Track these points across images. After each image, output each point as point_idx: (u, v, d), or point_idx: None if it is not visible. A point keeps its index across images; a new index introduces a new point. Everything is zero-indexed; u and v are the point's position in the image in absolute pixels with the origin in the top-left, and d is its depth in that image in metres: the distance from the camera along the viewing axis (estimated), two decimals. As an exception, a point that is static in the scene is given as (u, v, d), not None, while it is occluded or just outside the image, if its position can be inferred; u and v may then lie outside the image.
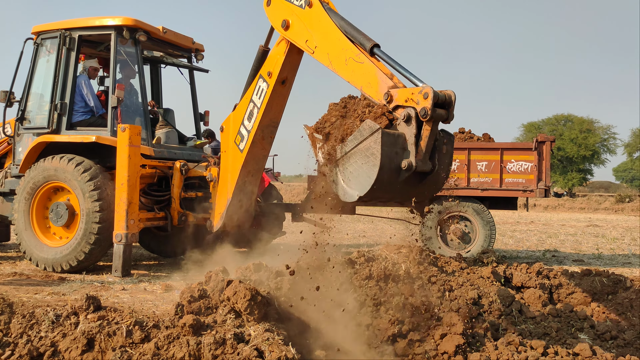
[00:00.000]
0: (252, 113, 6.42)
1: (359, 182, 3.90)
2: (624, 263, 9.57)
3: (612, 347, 4.11)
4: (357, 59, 4.68)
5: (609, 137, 51.83)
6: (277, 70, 6.03)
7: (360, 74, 4.61)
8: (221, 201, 7.06)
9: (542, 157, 8.83)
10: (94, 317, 3.66)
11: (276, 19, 5.70)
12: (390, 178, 3.89)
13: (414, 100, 3.95)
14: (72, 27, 7.72)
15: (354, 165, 3.94)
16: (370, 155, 3.81)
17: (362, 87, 4.54)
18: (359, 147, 3.91)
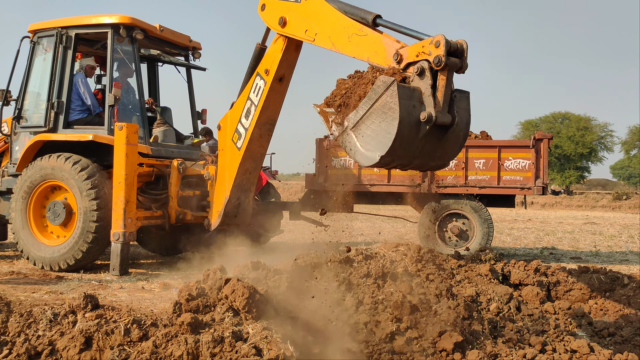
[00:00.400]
0: (249, 111, 6.41)
1: (379, 142, 3.83)
2: (622, 260, 9.59)
3: (610, 343, 4.12)
4: (360, 33, 4.70)
5: (606, 134, 51.95)
6: (274, 68, 6.03)
7: (365, 45, 4.62)
8: (219, 199, 7.05)
9: (539, 154, 8.83)
10: (91, 316, 3.65)
11: (272, 19, 5.73)
12: (411, 133, 3.83)
13: (425, 53, 3.92)
14: (69, 26, 7.70)
15: (372, 127, 3.87)
16: (388, 110, 3.76)
17: (369, 58, 4.53)
18: (374, 107, 3.85)
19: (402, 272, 4.77)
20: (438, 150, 4.09)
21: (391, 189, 9.22)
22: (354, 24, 4.76)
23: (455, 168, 9.03)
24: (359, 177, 9.30)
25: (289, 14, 5.55)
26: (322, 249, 5.06)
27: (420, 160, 4.18)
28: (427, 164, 4.29)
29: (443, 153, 4.18)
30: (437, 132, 3.90)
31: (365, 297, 4.34)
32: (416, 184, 9.09)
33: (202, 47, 8.90)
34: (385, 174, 9.23)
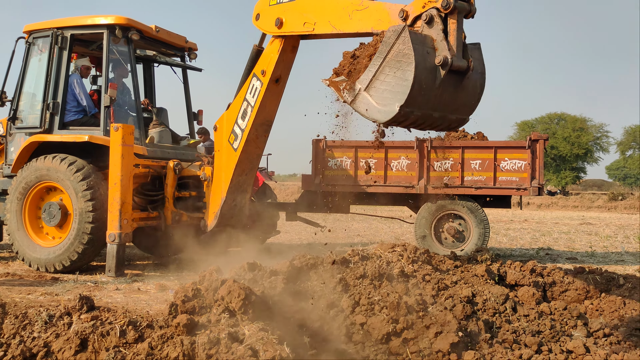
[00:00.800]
0: (245, 112, 6.41)
1: (396, 93, 3.83)
2: (617, 261, 9.62)
3: (606, 344, 4.13)
4: (360, 7, 4.80)
5: (601, 135, 52.10)
6: (270, 69, 6.07)
7: (367, 17, 4.70)
8: (215, 200, 7.04)
9: (535, 155, 8.86)
10: (87, 317, 3.64)
11: (268, 24, 5.85)
12: (427, 79, 3.86)
13: (432, 1, 3.97)
14: (64, 26, 7.68)
15: (386, 80, 3.87)
16: (402, 57, 3.77)
17: (372, 28, 4.60)
18: (387, 59, 3.86)
19: (398, 273, 4.76)
20: (457, 101, 4.10)
21: (387, 189, 9.22)
22: (353, 1, 4.84)
23: (452, 169, 9.04)
24: (355, 178, 9.31)
25: (285, 14, 5.64)
26: (318, 249, 5.08)
27: (440, 114, 4.15)
28: (447, 117, 4.25)
29: (462, 104, 4.18)
30: (454, 79, 3.93)
31: (361, 298, 4.34)
32: (411, 185, 9.10)
33: (198, 48, 8.90)
34: (382, 175, 9.24)
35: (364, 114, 4.17)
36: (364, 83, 4.04)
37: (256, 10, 6.05)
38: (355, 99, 4.13)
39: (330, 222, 16.82)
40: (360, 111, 4.18)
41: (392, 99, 3.87)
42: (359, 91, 4.08)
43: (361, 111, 4.17)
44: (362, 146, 9.28)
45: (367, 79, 4.01)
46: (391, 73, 3.83)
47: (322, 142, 9.31)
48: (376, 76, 3.93)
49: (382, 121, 4.10)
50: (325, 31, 5.36)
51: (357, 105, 4.16)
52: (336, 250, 5.72)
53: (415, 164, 9.11)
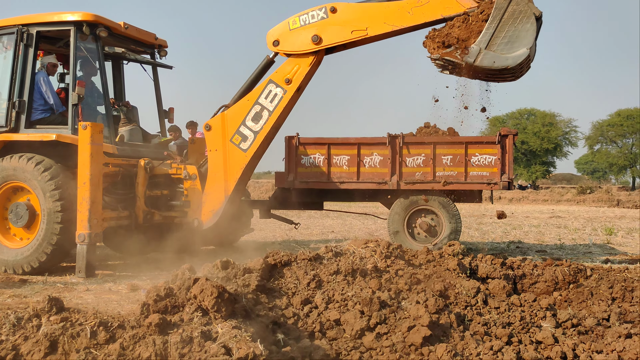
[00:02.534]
0: (259, 115, 6.98)
1: (521, 39, 5.23)
2: (585, 253, 9.83)
3: (574, 334, 4.22)
4: (419, 3, 6.12)
5: (570, 130, 53.23)
6: (299, 80, 6.84)
7: (432, 8, 6.09)
8: (214, 199, 7.18)
9: (505, 150, 8.97)
10: (56, 319, 3.58)
11: (300, 45, 6.75)
12: (538, 28, 5.40)
13: None
14: (30, 23, 7.53)
15: (508, 35, 5.19)
16: (519, 14, 5.11)
17: (442, 14, 6.02)
18: (503, 19, 5.22)
19: (371, 268, 4.80)
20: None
21: (361, 186, 9.26)
22: (407, 1, 6.24)
23: (424, 164, 9.12)
24: (328, 175, 9.32)
25: (322, 31, 6.63)
26: (292, 246, 5.08)
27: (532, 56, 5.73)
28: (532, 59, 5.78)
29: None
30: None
31: (335, 294, 4.36)
32: (384, 181, 9.16)
33: (169, 45, 8.80)
34: (355, 172, 9.27)
35: (491, 66, 5.31)
36: (483, 43, 5.24)
37: (273, 37, 6.81)
38: (478, 58, 5.29)
39: (305, 219, 16.83)
40: (486, 65, 5.31)
41: (518, 45, 5.18)
42: (480, 51, 5.25)
43: (488, 64, 5.31)
44: (335, 143, 9.30)
45: (485, 39, 5.27)
46: (511, 29, 5.08)
47: (295, 139, 9.30)
48: (495, 34, 5.16)
49: (513, 65, 5.33)
50: (382, 31, 6.42)
51: (483, 61, 5.30)
52: (310, 247, 5.74)
53: (387, 160, 9.16)
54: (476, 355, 3.75)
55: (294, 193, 9.52)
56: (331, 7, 6.57)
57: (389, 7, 6.32)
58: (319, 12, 6.60)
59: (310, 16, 6.63)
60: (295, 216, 13.88)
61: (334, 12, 6.56)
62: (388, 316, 4.07)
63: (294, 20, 6.72)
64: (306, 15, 6.69)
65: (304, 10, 6.73)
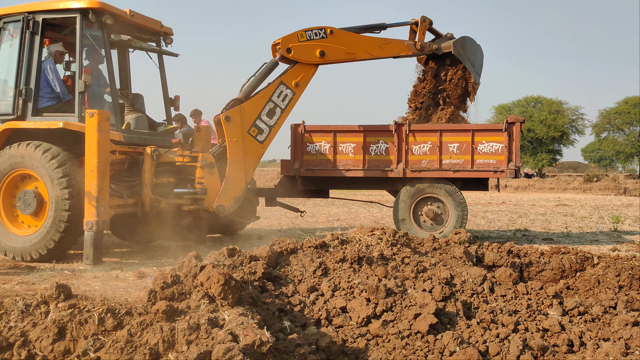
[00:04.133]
0: (273, 111, 8.00)
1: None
2: (592, 241, 9.81)
3: (580, 322, 4.21)
4: (386, 42, 8.62)
5: (577, 118, 52.83)
6: (305, 85, 8.22)
7: (393, 48, 8.70)
8: (235, 185, 7.83)
9: (512, 138, 8.94)
10: (64, 306, 3.61)
11: (310, 55, 8.12)
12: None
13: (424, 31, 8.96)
14: (36, 10, 7.51)
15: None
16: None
17: (398, 52, 8.69)
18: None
19: (377, 256, 4.80)
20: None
21: (366, 173, 9.25)
22: (376, 39, 8.58)
23: (430, 152, 9.09)
24: (334, 163, 9.31)
25: (325, 47, 8.14)
26: (298, 234, 5.10)
27: None
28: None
29: None
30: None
31: (341, 282, 4.37)
32: (390, 169, 9.14)
33: (174, 33, 8.77)
34: (361, 160, 9.26)
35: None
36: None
37: (287, 45, 7.99)
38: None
39: (310, 207, 16.86)
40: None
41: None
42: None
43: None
44: (341, 130, 9.28)
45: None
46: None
47: (301, 127, 9.29)
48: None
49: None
50: (364, 57, 8.50)
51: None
52: (316, 235, 5.74)
53: (394, 148, 9.14)
54: (482, 343, 3.76)
55: (300, 181, 9.52)
56: (330, 30, 8.14)
57: (369, 40, 8.52)
58: (319, 31, 8.07)
59: (313, 33, 8.05)
60: (301, 204, 13.89)
61: (331, 34, 8.15)
62: (394, 304, 4.08)
63: (302, 34, 8.02)
64: (310, 32, 8.06)
65: (308, 27, 8.09)
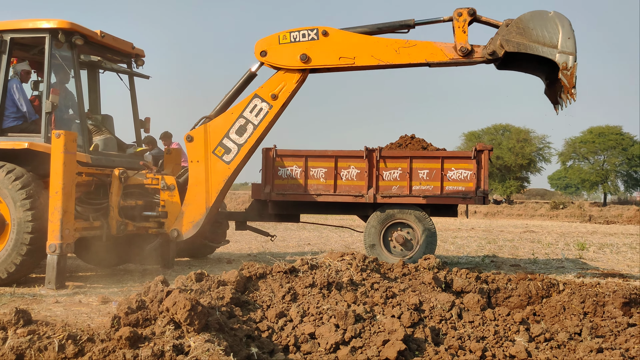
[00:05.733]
0: (243, 128, 7.03)
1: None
2: (558, 267, 9.96)
3: (547, 348, 4.25)
4: (407, 44, 6.56)
5: (544, 146, 54.07)
6: (285, 96, 6.94)
7: (418, 52, 6.56)
8: (194, 209, 7.16)
9: (480, 165, 9.08)
10: (23, 332, 3.49)
11: (288, 60, 6.84)
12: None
13: (464, 24, 6.48)
14: (4, 30, 7.39)
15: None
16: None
17: (426, 59, 6.57)
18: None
19: (347, 281, 4.78)
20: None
21: (337, 198, 9.26)
22: (397, 40, 6.67)
23: (400, 178, 9.17)
24: (305, 187, 9.30)
25: (311, 51, 6.80)
26: (268, 259, 5.05)
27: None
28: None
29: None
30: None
31: (310, 307, 4.33)
32: (361, 194, 9.17)
33: (146, 55, 8.73)
34: (332, 185, 9.28)
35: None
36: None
37: (261, 47, 6.88)
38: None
39: (281, 231, 16.76)
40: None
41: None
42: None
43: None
44: (312, 155, 9.30)
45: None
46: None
47: (272, 151, 9.28)
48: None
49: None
50: (367, 63, 6.74)
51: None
52: (286, 260, 5.70)
53: (364, 173, 9.19)
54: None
55: (271, 205, 9.48)
56: (323, 31, 6.74)
57: (379, 42, 6.70)
58: (310, 32, 6.74)
59: (301, 34, 6.76)
60: (272, 228, 13.82)
61: (325, 35, 6.74)
62: (363, 330, 4.05)
63: (284, 35, 6.82)
64: (297, 33, 6.80)
65: (296, 28, 6.84)
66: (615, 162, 54.03)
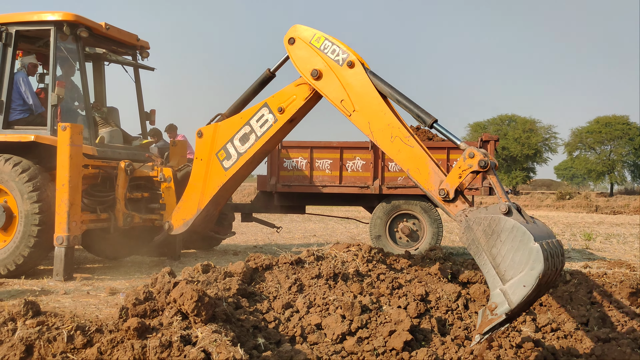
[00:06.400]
0: (247, 137, 6.22)
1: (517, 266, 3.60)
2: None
3: (553, 338, 4.25)
4: (406, 141, 4.80)
5: (550, 136, 53.83)
6: (292, 111, 5.90)
7: (408, 157, 4.75)
8: (187, 207, 6.77)
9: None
10: (32, 323, 3.51)
11: (304, 65, 5.58)
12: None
13: (466, 170, 4.21)
14: (9, 22, 7.40)
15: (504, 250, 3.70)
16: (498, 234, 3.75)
17: (409, 170, 4.72)
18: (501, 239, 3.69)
19: (353, 272, 4.79)
20: None
21: (343, 190, 9.26)
22: (400, 128, 4.85)
23: (406, 169, 9.15)
24: (311, 179, 9.31)
25: (326, 71, 5.42)
26: (274, 250, 5.08)
27: None
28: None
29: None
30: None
31: (316, 298, 4.34)
32: (366, 185, 9.16)
33: (151, 47, 8.72)
34: (337, 176, 9.27)
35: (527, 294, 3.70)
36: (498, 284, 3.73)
37: (293, 34, 5.73)
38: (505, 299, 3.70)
39: (287, 222, 16.78)
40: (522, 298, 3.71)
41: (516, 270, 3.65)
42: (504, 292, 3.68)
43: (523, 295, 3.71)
44: (318, 147, 9.30)
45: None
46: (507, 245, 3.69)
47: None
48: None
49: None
50: (359, 127, 5.22)
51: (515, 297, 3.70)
52: (292, 251, 5.71)
53: (370, 164, 9.18)
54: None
55: (276, 196, 9.49)
56: (349, 62, 5.26)
57: (386, 117, 5.03)
58: (341, 53, 5.37)
59: (332, 48, 5.44)
60: (278, 220, 13.84)
61: (350, 67, 5.26)
62: (369, 320, 4.06)
63: (319, 38, 5.55)
64: (331, 44, 5.46)
65: (335, 38, 5.54)
66: (622, 152, 53.71)
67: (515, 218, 3.70)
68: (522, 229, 3.58)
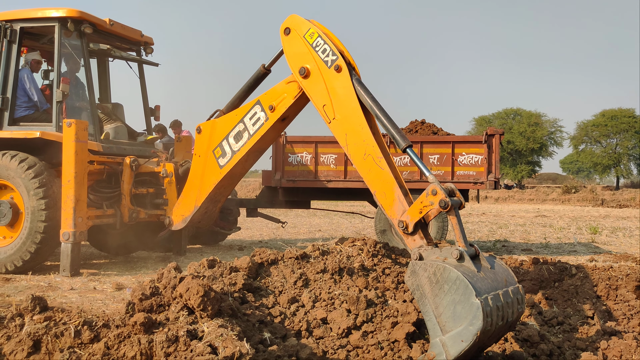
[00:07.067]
0: (240, 135, 6.09)
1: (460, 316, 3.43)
2: (570, 251, 9.92)
3: (559, 332, 4.25)
4: (377, 161, 4.60)
5: (555, 130, 53.69)
6: (281, 110, 5.72)
7: (376, 178, 4.57)
8: (186, 204, 6.75)
9: (491, 150, 9.03)
10: (40, 318, 3.53)
11: (295, 61, 5.33)
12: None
13: (427, 207, 4.09)
14: (13, 19, 7.42)
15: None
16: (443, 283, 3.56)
17: (375, 192, 4.56)
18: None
19: (358, 267, 4.79)
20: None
21: (348, 184, 9.26)
22: (375, 147, 4.62)
23: (410, 163, 9.14)
24: (315, 174, 9.31)
25: (314, 70, 5.16)
26: (279, 245, 5.09)
27: None
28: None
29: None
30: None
31: (322, 293, 4.35)
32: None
33: (155, 42, 8.73)
34: (342, 171, 9.27)
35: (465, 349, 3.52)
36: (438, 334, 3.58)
37: (289, 24, 5.41)
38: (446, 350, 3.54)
39: (292, 217, 16.81)
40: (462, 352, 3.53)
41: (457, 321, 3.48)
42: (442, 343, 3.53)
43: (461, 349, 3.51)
44: (322, 141, 9.29)
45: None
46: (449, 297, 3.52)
47: (282, 138, 9.29)
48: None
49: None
50: (335, 135, 4.97)
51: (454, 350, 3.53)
52: (297, 246, 5.72)
53: (374, 158, 9.17)
54: (462, 354, 3.75)
55: (281, 192, 9.51)
56: (336, 66, 4.93)
57: (362, 133, 4.74)
58: (331, 54, 5.02)
59: (323, 48, 5.08)
60: (283, 215, 13.86)
61: (337, 71, 4.94)
62: (375, 315, 4.07)
63: (312, 33, 5.20)
64: (323, 42, 5.10)
65: (331, 34, 5.21)
66: (628, 145, 53.48)
67: (465, 266, 3.54)
68: (464, 282, 3.39)
